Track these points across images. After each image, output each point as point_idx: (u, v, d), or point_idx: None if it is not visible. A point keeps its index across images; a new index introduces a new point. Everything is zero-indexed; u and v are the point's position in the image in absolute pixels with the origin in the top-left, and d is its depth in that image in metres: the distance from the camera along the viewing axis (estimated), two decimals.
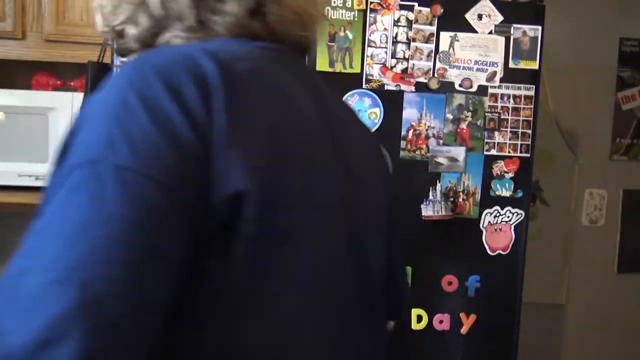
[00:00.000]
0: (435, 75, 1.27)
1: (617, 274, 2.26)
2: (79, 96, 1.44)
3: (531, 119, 1.30)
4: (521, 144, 1.30)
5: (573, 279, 2.22)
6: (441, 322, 1.32)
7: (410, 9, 1.25)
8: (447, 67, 1.27)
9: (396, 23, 1.25)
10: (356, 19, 1.24)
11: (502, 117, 1.29)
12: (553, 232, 2.20)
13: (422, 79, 1.27)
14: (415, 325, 1.32)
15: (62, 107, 1.45)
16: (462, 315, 1.33)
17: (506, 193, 1.31)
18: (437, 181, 1.29)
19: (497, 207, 1.31)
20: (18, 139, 1.49)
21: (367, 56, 1.26)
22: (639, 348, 2.26)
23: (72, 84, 1.60)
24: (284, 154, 0.45)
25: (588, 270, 2.22)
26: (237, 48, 0.49)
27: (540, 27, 1.28)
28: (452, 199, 1.29)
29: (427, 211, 1.28)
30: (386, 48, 1.25)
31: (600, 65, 2.18)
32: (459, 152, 1.29)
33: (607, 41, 2.17)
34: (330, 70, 1.25)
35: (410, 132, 1.28)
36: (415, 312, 1.32)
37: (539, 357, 2.24)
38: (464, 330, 1.33)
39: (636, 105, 2.21)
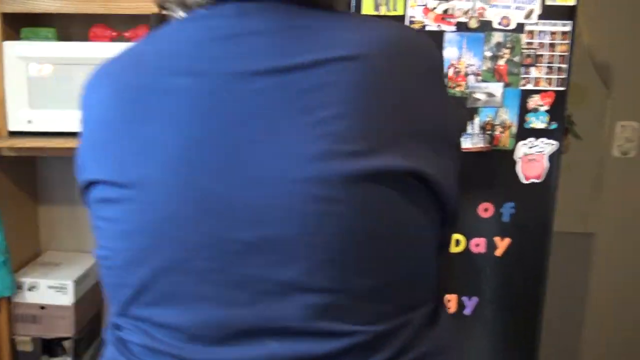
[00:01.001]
0: (475, 14, 1.34)
1: None
2: None
3: (567, 54, 1.36)
4: (557, 78, 1.37)
5: (604, 209, 2.31)
6: (477, 245, 1.44)
7: None
8: (486, 6, 1.33)
9: None
10: None
11: (539, 53, 1.36)
12: (585, 165, 2.27)
13: (462, 19, 1.34)
14: (453, 249, 1.44)
15: None
16: (496, 239, 1.44)
17: (541, 125, 1.39)
18: (475, 115, 1.38)
19: (532, 139, 1.40)
20: (77, 89, 1.62)
21: None
22: None
23: (127, 34, 1.70)
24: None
25: (619, 201, 2.31)
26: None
27: None
28: (489, 132, 1.39)
29: (465, 144, 1.38)
30: None
31: None
32: (497, 87, 1.37)
33: None
34: (375, 13, 1.33)
35: (451, 70, 1.36)
36: (453, 237, 1.44)
37: (569, 283, 2.36)
38: (498, 252, 1.45)
39: None
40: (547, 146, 1.40)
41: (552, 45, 1.36)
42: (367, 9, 1.33)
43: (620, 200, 2.31)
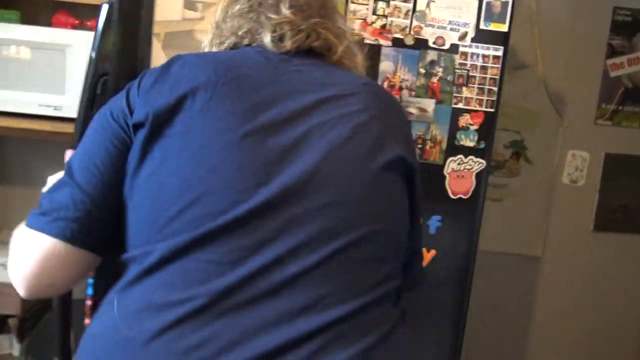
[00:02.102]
0: (412, 32, 1.40)
1: (593, 232, 2.40)
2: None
3: (497, 77, 1.43)
4: (487, 100, 1.43)
5: (551, 234, 2.37)
6: None
7: None
8: (422, 25, 1.40)
9: None
10: None
11: (471, 74, 1.42)
12: (534, 189, 2.34)
13: (399, 35, 1.40)
14: None
15: (79, 45, 1.61)
16: (423, 250, 1.49)
17: (470, 143, 1.45)
18: None
19: (461, 156, 1.45)
20: (40, 72, 1.66)
21: (350, 12, 1.39)
22: (610, 304, 2.42)
23: (88, 23, 1.75)
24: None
25: (565, 227, 2.37)
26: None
27: None
28: (420, 146, 1.44)
29: None
30: (367, 5, 1.38)
31: (593, 32, 2.26)
32: (429, 103, 1.43)
33: (601, 9, 2.25)
34: None
35: (385, 83, 1.42)
36: None
37: (512, 304, 2.42)
38: (423, 263, 1.50)
39: (624, 73, 2.30)
40: (475, 164, 1.46)
41: (484, 68, 1.42)
42: None
43: (566, 226, 2.37)
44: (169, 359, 0.63)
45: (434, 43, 1.40)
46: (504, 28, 1.40)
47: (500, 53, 1.41)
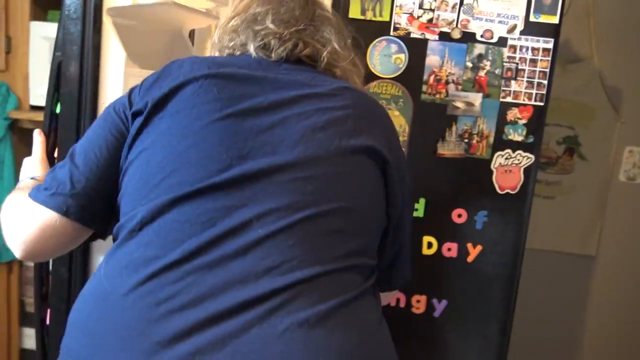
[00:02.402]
0: (459, 25, 1.39)
1: None
2: None
3: (547, 70, 1.40)
4: (536, 93, 1.41)
5: (605, 233, 2.30)
6: (449, 249, 1.49)
7: None
8: (470, 18, 1.39)
9: None
10: None
11: (520, 67, 1.40)
12: (588, 187, 2.27)
13: (445, 29, 1.40)
14: (425, 251, 1.49)
15: None
16: (469, 245, 1.48)
17: (518, 138, 1.43)
18: (454, 123, 1.43)
19: (509, 150, 1.44)
20: None
21: (396, 6, 1.39)
22: None
23: None
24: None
25: (621, 225, 2.29)
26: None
27: None
28: (466, 140, 1.43)
29: (442, 149, 1.43)
30: None
31: None
32: (476, 97, 1.41)
33: None
34: (362, 17, 1.40)
35: (432, 77, 1.41)
36: (426, 239, 1.49)
37: (565, 304, 2.35)
38: (470, 258, 1.49)
39: None
40: (524, 159, 1.44)
41: (533, 61, 1.40)
42: (354, 13, 1.40)
43: (623, 225, 2.29)
44: (142, 310, 0.70)
45: (481, 36, 1.39)
46: (555, 20, 1.38)
47: (550, 46, 1.38)
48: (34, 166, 1.13)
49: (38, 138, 1.19)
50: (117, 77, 1.14)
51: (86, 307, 0.77)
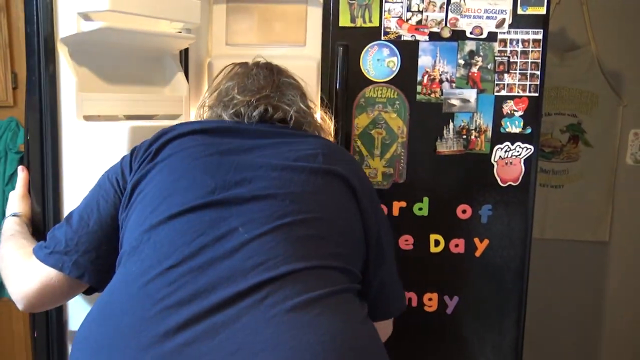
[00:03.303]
0: (448, 25, 1.41)
1: None
2: None
3: (539, 61, 1.41)
4: (530, 84, 1.42)
5: (617, 217, 2.29)
6: (456, 245, 1.50)
7: None
8: (458, 16, 1.41)
9: None
10: None
11: (512, 60, 1.42)
12: (596, 173, 2.27)
13: (435, 29, 1.42)
14: (433, 249, 1.50)
15: None
16: (475, 240, 1.50)
17: (516, 130, 1.44)
18: (451, 121, 1.45)
19: (508, 143, 1.45)
20: None
21: (385, 11, 1.42)
22: None
23: None
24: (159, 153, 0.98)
25: (633, 209, 2.28)
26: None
27: None
28: (465, 137, 1.45)
29: (441, 147, 1.45)
30: (402, 2, 1.41)
31: None
32: (471, 93, 1.43)
33: None
34: (352, 25, 1.43)
35: (425, 77, 1.43)
36: (432, 237, 1.50)
37: (583, 291, 2.35)
38: (477, 253, 1.50)
39: None
40: (523, 150, 1.45)
41: (524, 53, 1.41)
42: (344, 21, 1.42)
43: (634, 208, 2.28)
44: (140, 311, 0.77)
45: (471, 33, 1.41)
46: (542, 11, 1.39)
47: (540, 36, 1.40)
48: (15, 203, 1.21)
49: (21, 174, 1.24)
50: (71, 103, 1.19)
51: (88, 324, 0.83)
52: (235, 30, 1.76)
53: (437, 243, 1.50)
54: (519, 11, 1.40)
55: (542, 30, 1.40)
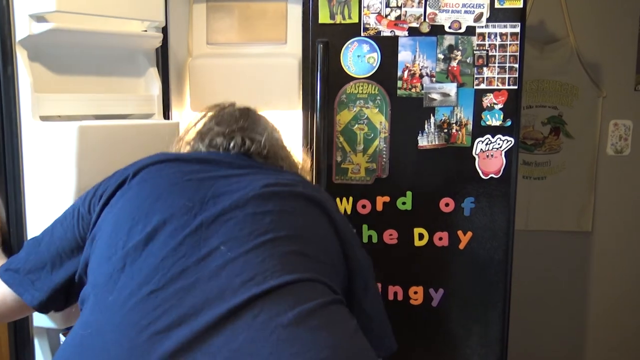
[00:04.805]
0: (426, 20, 1.42)
1: None
2: None
3: (517, 54, 1.43)
4: (509, 77, 1.44)
5: (599, 207, 2.32)
6: (440, 239, 1.51)
7: None
8: (436, 11, 1.42)
9: None
10: None
11: (490, 53, 1.43)
12: (578, 164, 2.29)
13: (414, 24, 1.43)
14: (417, 243, 1.52)
15: None
16: (459, 232, 1.51)
17: (496, 122, 1.46)
18: (432, 115, 1.46)
19: (489, 136, 1.46)
20: None
21: (364, 7, 1.42)
22: None
23: None
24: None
25: (614, 198, 2.31)
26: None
27: None
28: (446, 130, 1.46)
29: (422, 142, 1.46)
30: None
31: None
32: (451, 87, 1.44)
33: None
34: (331, 22, 1.43)
35: (406, 72, 1.44)
36: (417, 231, 1.51)
37: (567, 281, 2.38)
38: (461, 246, 1.52)
39: None
40: (504, 142, 1.46)
41: (502, 46, 1.42)
42: (323, 18, 1.43)
43: (615, 197, 2.31)
44: (126, 341, 0.74)
45: (449, 28, 1.42)
46: (519, 4, 1.41)
47: (517, 30, 1.41)
48: None
49: None
50: (28, 104, 1.19)
51: (65, 354, 0.80)
52: (216, 30, 1.76)
53: (421, 237, 1.52)
54: (497, 5, 1.41)
55: (519, 24, 1.42)
